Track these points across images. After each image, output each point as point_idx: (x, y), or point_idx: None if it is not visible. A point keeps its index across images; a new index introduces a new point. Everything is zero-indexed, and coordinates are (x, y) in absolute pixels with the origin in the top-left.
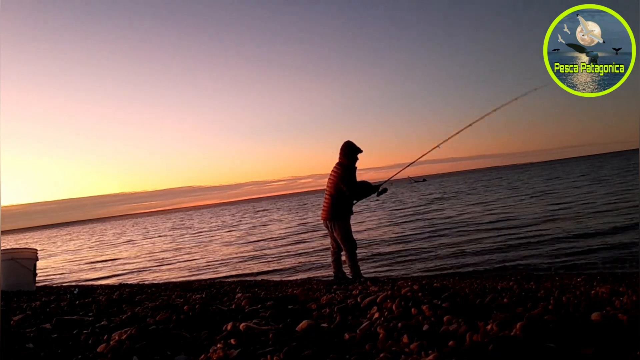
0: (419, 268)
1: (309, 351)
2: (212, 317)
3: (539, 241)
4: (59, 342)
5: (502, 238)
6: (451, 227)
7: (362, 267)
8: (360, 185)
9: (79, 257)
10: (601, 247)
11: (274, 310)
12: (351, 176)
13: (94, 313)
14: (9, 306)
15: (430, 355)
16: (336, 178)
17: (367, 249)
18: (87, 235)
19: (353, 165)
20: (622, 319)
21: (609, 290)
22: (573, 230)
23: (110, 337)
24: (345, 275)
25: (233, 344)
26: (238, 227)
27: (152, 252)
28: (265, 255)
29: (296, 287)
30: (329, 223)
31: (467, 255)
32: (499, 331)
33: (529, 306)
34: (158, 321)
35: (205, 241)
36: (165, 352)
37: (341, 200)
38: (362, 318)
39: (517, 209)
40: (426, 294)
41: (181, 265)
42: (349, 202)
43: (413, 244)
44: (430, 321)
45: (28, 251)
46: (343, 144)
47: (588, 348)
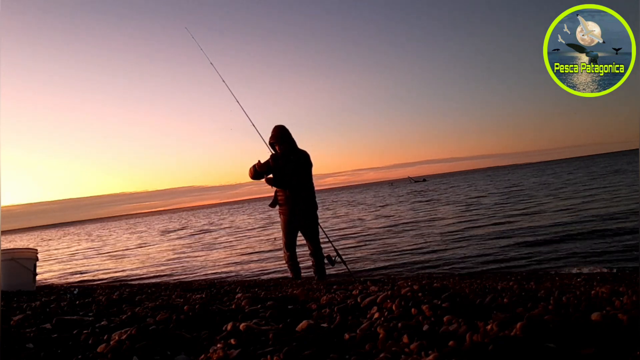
0: (418, 267)
1: (309, 351)
2: (212, 317)
3: (538, 241)
4: (59, 342)
5: (502, 238)
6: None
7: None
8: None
9: (79, 257)
10: (601, 247)
11: (274, 310)
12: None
13: (94, 313)
14: (9, 306)
15: (430, 355)
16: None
17: (365, 246)
18: (86, 236)
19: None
20: (622, 319)
21: (609, 290)
22: (573, 230)
23: (110, 337)
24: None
25: (233, 344)
26: (238, 228)
27: (152, 253)
28: (265, 255)
29: (296, 287)
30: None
31: (467, 255)
32: (499, 331)
33: (529, 306)
34: (158, 321)
35: (205, 241)
36: (165, 352)
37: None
38: (362, 318)
39: (515, 208)
40: (426, 294)
41: (181, 265)
42: (276, 190)
43: (413, 243)
44: (430, 321)
45: (28, 251)
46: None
47: (588, 348)
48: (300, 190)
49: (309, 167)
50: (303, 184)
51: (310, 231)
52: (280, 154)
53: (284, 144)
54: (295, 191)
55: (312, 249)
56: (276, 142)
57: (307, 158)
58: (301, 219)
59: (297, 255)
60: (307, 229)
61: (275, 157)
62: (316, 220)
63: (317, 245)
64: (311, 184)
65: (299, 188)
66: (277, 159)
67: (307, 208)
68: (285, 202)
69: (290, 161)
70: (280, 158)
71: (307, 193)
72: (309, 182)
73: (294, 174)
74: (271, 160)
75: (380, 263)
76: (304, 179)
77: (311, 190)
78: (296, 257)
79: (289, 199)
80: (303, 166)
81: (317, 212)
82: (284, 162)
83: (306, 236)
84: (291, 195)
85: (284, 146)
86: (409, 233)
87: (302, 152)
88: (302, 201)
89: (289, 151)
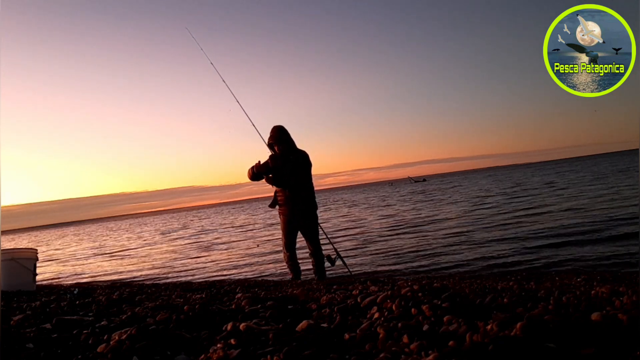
0: (418, 267)
1: (309, 351)
2: (212, 317)
3: (540, 241)
4: (59, 342)
5: (503, 238)
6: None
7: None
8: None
9: (79, 258)
10: (601, 246)
11: (274, 310)
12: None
13: (94, 313)
14: (9, 306)
15: (430, 355)
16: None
17: (365, 247)
18: (86, 236)
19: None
20: (622, 319)
21: (609, 290)
22: (573, 230)
23: (110, 337)
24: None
25: (233, 344)
26: (237, 228)
27: (152, 253)
28: (265, 255)
29: (296, 287)
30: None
31: (467, 254)
32: (499, 331)
33: (529, 306)
34: (158, 321)
35: (205, 241)
36: (165, 352)
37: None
38: (362, 318)
39: (516, 208)
40: (426, 294)
41: (181, 265)
42: (276, 190)
43: (412, 242)
44: (430, 321)
45: (28, 251)
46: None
47: (588, 348)
48: (299, 190)
49: (308, 167)
50: (302, 184)
51: (310, 231)
52: (280, 154)
53: (283, 144)
54: (294, 191)
55: (312, 249)
56: (275, 143)
57: (306, 158)
58: (301, 219)
59: (297, 256)
60: (306, 229)
61: (275, 157)
62: (316, 220)
63: (317, 245)
64: (311, 184)
65: (298, 188)
66: (276, 159)
67: (306, 208)
68: (284, 202)
69: (289, 161)
70: (280, 158)
71: (307, 193)
72: (308, 182)
73: (293, 174)
74: (270, 160)
75: (381, 263)
76: (303, 179)
77: (311, 190)
78: (296, 257)
79: (288, 199)
80: (302, 166)
81: (317, 212)
82: (283, 163)
83: (306, 236)
84: (291, 195)
85: (283, 146)
86: (410, 233)
87: (301, 152)
88: (302, 201)
89: (288, 151)
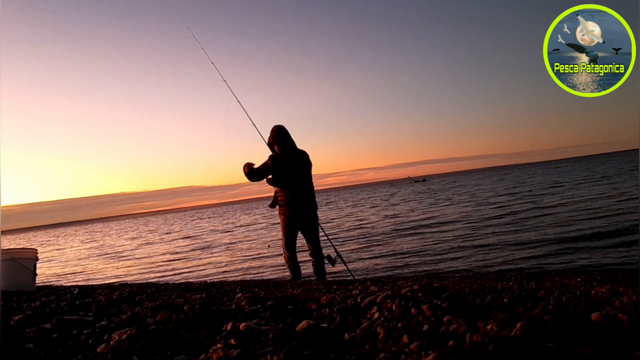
0: (418, 267)
1: (309, 351)
2: (212, 317)
3: (538, 241)
4: (59, 342)
5: (502, 237)
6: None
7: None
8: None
9: (79, 258)
10: (601, 246)
11: (274, 310)
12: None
13: (94, 313)
14: (9, 306)
15: (430, 355)
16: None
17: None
18: (86, 236)
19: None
20: (622, 319)
21: (609, 290)
22: (573, 230)
23: (110, 337)
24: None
25: (233, 344)
26: (238, 228)
27: (152, 253)
28: (265, 255)
29: (296, 287)
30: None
31: (467, 254)
32: (499, 331)
33: (529, 306)
34: (158, 321)
35: (205, 241)
36: (165, 352)
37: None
38: (362, 318)
39: (518, 210)
40: (426, 294)
41: (181, 265)
42: (276, 190)
43: (414, 243)
44: (430, 321)
45: (28, 251)
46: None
47: (588, 348)
48: (299, 190)
49: (308, 167)
50: (302, 184)
51: (310, 231)
52: (279, 154)
53: (283, 144)
54: (294, 191)
55: (312, 249)
56: (275, 143)
57: (306, 158)
58: (301, 219)
59: (297, 255)
60: (306, 229)
61: (274, 157)
62: (316, 220)
63: (317, 245)
64: (310, 184)
65: (298, 188)
66: (276, 160)
67: (306, 208)
68: (284, 202)
69: (289, 161)
70: (279, 158)
71: (307, 193)
72: (308, 182)
73: (293, 174)
74: (270, 160)
75: (381, 263)
76: (303, 179)
77: (311, 190)
78: (296, 257)
79: (288, 199)
80: (302, 166)
81: (317, 212)
82: (282, 163)
83: (306, 236)
84: (291, 195)
85: (282, 146)
86: (410, 233)
87: (301, 152)
88: (302, 201)
89: (288, 151)
